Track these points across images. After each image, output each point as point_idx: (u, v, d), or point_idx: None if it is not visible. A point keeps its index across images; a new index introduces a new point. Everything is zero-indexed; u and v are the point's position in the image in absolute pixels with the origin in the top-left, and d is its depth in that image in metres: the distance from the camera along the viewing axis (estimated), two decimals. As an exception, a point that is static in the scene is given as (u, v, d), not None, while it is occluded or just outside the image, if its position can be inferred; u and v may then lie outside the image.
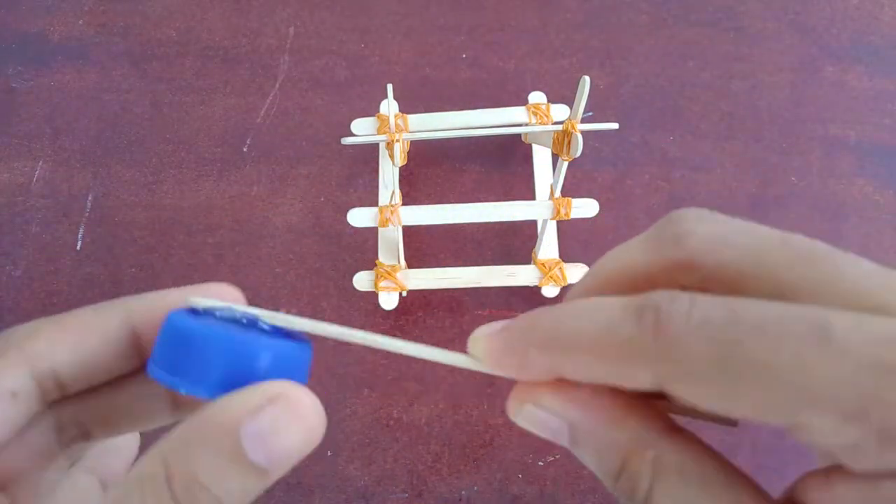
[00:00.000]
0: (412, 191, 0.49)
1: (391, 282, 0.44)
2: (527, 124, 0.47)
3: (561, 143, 0.39)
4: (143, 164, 0.50)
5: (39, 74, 0.53)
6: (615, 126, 0.38)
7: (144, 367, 0.21)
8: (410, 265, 0.46)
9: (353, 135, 0.47)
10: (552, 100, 0.49)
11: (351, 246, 0.48)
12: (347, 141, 0.37)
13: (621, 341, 0.16)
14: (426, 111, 0.48)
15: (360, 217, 0.41)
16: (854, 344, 0.14)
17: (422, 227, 0.48)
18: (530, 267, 0.45)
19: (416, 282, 0.44)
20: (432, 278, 0.44)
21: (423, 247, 0.48)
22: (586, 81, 0.36)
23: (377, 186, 0.48)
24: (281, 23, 0.55)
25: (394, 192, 0.44)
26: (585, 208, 0.42)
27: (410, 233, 0.47)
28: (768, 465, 0.42)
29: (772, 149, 0.50)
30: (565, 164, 0.40)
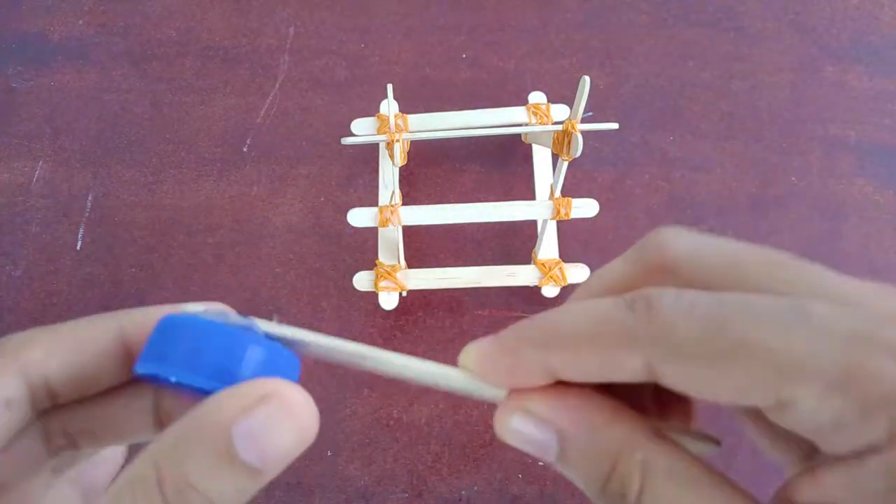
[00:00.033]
0: (412, 191, 0.49)
1: (391, 282, 0.44)
2: (527, 124, 0.47)
3: (561, 143, 0.39)
4: (143, 164, 0.50)
5: (39, 74, 0.53)
6: (615, 126, 0.38)
7: (133, 381, 0.21)
8: (410, 265, 0.46)
9: (353, 135, 0.47)
10: (552, 100, 0.49)
11: (351, 246, 0.48)
12: (347, 141, 0.37)
13: (614, 328, 0.17)
14: (426, 111, 0.48)
15: (360, 217, 0.42)
16: (833, 321, 0.15)
17: (422, 227, 0.48)
18: (530, 267, 0.45)
19: (416, 282, 0.44)
20: (432, 278, 0.44)
21: (423, 247, 0.48)
22: (586, 81, 0.36)
23: (377, 186, 0.48)
24: (281, 23, 0.55)
25: (394, 192, 0.44)
26: (585, 208, 0.42)
27: (410, 233, 0.47)
28: (768, 467, 0.42)
29: (772, 149, 0.50)
30: (565, 164, 0.40)
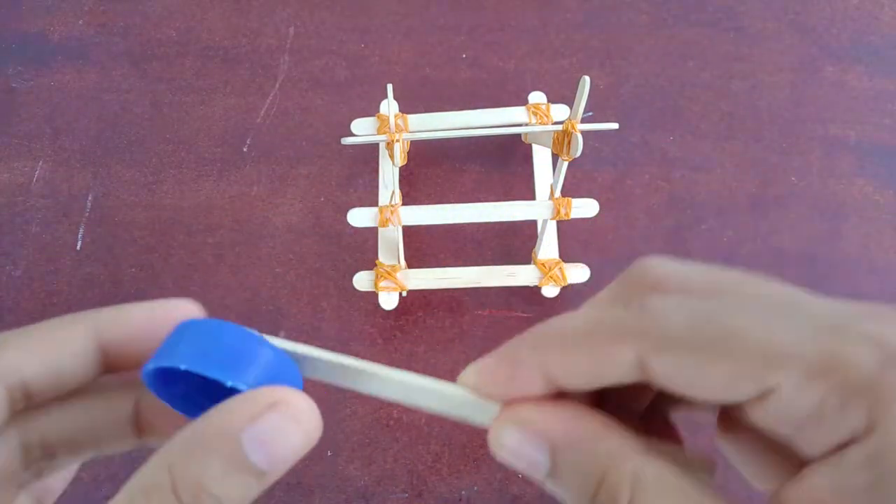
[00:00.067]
0: (412, 191, 0.49)
1: (391, 282, 0.44)
2: (527, 124, 0.47)
3: (561, 143, 0.39)
4: (143, 164, 0.50)
5: (39, 74, 0.53)
6: (615, 126, 0.38)
7: (112, 388, 0.21)
8: (410, 265, 0.46)
9: (353, 135, 0.47)
10: (552, 100, 0.49)
11: (351, 246, 0.48)
12: (347, 141, 0.37)
13: (609, 323, 0.18)
14: (426, 111, 0.48)
15: (360, 217, 0.41)
16: (814, 312, 0.16)
17: (422, 227, 0.48)
18: (530, 267, 0.45)
19: (416, 282, 0.44)
20: (432, 278, 0.44)
21: (423, 247, 0.48)
22: (586, 81, 0.36)
23: (377, 186, 0.48)
24: (281, 23, 0.55)
25: (394, 192, 0.44)
26: (585, 208, 0.42)
27: (410, 233, 0.47)
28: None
29: (772, 149, 0.50)
30: (565, 164, 0.40)
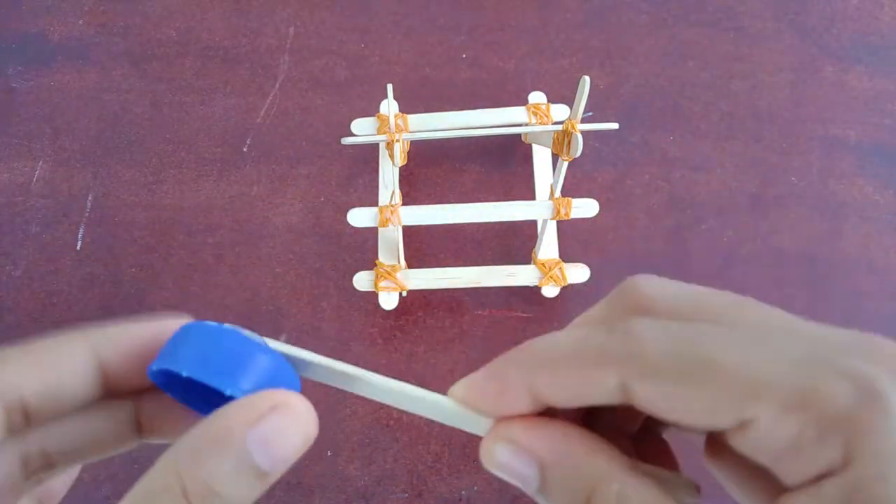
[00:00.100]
0: (412, 191, 0.49)
1: (391, 282, 0.44)
2: (527, 124, 0.47)
3: (561, 143, 0.39)
4: (143, 164, 0.50)
5: (39, 74, 0.53)
6: (615, 126, 0.38)
7: (109, 395, 0.21)
8: (410, 265, 0.46)
9: (353, 135, 0.47)
10: (552, 100, 0.49)
11: (351, 246, 0.48)
12: (347, 141, 0.37)
13: (594, 348, 0.18)
14: (426, 111, 0.48)
15: (360, 217, 0.41)
16: (790, 346, 0.17)
17: (422, 227, 0.48)
18: (530, 267, 0.45)
19: (416, 282, 0.44)
20: (432, 278, 0.44)
21: (423, 247, 0.48)
22: (586, 81, 0.36)
23: (377, 186, 0.48)
24: (281, 23, 0.55)
25: (394, 192, 0.44)
26: (585, 208, 0.42)
27: (410, 233, 0.47)
28: None
29: (772, 149, 0.50)
30: (565, 164, 0.40)
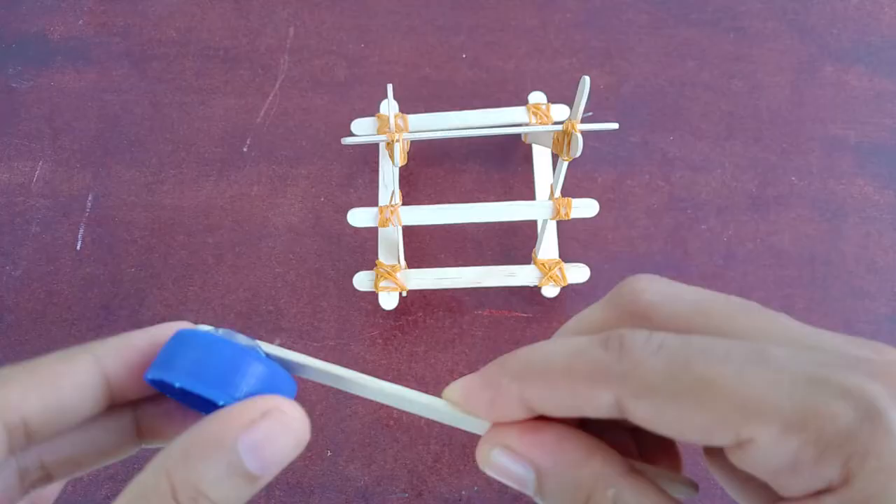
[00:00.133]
0: (412, 191, 0.49)
1: (391, 282, 0.44)
2: (527, 124, 0.47)
3: (561, 143, 0.39)
4: (143, 164, 0.50)
5: (39, 74, 0.53)
6: (615, 126, 0.38)
7: (112, 405, 0.22)
8: (410, 265, 0.46)
9: (353, 135, 0.47)
10: (552, 100, 0.49)
11: (351, 246, 0.48)
12: (347, 141, 0.37)
13: (588, 364, 0.18)
14: (426, 111, 0.48)
15: (360, 217, 0.41)
16: (789, 364, 0.16)
17: (422, 227, 0.48)
18: (530, 267, 0.45)
19: (416, 282, 0.44)
20: (432, 278, 0.44)
21: (423, 247, 0.48)
22: (586, 81, 0.36)
23: (377, 186, 0.48)
24: (281, 23, 0.55)
25: (394, 192, 0.44)
26: (585, 208, 0.42)
27: (410, 233, 0.47)
28: None
29: (772, 149, 0.50)
30: (565, 164, 0.40)
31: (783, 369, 0.16)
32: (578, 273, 0.44)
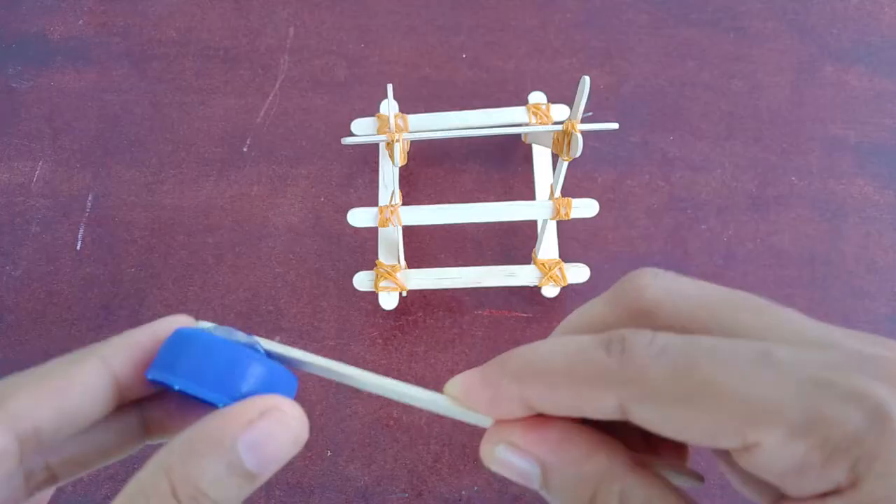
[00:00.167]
0: (412, 191, 0.49)
1: (391, 282, 0.44)
2: (527, 124, 0.47)
3: (561, 143, 0.39)
4: (143, 164, 0.50)
5: (39, 74, 0.53)
6: (615, 126, 0.38)
7: (120, 404, 0.21)
8: (410, 265, 0.46)
9: (353, 135, 0.47)
10: (552, 100, 0.49)
11: (351, 246, 0.48)
12: (347, 141, 0.37)
13: (589, 367, 0.17)
14: (426, 111, 0.48)
15: (360, 217, 0.41)
16: (795, 366, 0.16)
17: (422, 227, 0.48)
18: (530, 267, 0.45)
19: (416, 282, 0.44)
20: (432, 278, 0.44)
21: (423, 247, 0.48)
22: (586, 81, 0.36)
23: (377, 186, 0.48)
24: (281, 23, 0.55)
25: (394, 192, 0.44)
26: (585, 208, 0.42)
27: (410, 233, 0.47)
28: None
29: (772, 149, 0.50)
30: (565, 164, 0.40)
31: (789, 371, 0.16)
32: (578, 273, 0.44)
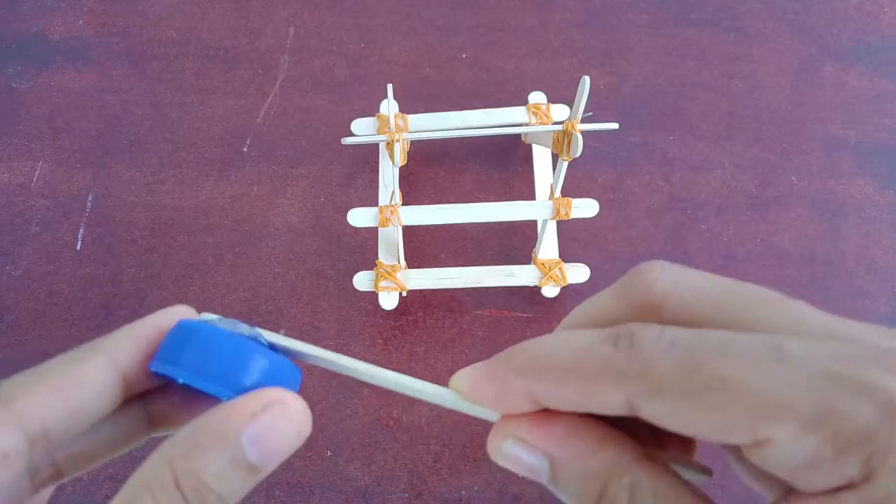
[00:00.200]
0: (412, 191, 0.49)
1: (391, 282, 0.44)
2: (527, 124, 0.47)
3: (561, 143, 0.39)
4: (143, 164, 0.50)
5: (39, 74, 0.53)
6: (615, 126, 0.38)
7: (128, 401, 0.22)
8: (410, 265, 0.46)
9: (353, 135, 0.47)
10: (552, 100, 0.49)
11: (351, 246, 0.48)
12: (347, 141, 0.37)
13: (597, 362, 0.17)
14: (426, 111, 0.48)
15: (360, 217, 0.41)
16: (806, 359, 0.15)
17: (422, 227, 0.48)
18: (530, 267, 0.45)
19: (416, 282, 0.44)
20: (432, 278, 0.44)
21: (423, 247, 0.48)
22: (586, 81, 0.36)
23: (377, 186, 0.48)
24: (281, 23, 0.55)
25: (394, 192, 0.44)
26: (585, 208, 0.42)
27: (410, 233, 0.47)
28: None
29: (772, 149, 0.50)
30: (565, 164, 0.40)
31: (800, 365, 0.15)
32: (578, 273, 0.44)
